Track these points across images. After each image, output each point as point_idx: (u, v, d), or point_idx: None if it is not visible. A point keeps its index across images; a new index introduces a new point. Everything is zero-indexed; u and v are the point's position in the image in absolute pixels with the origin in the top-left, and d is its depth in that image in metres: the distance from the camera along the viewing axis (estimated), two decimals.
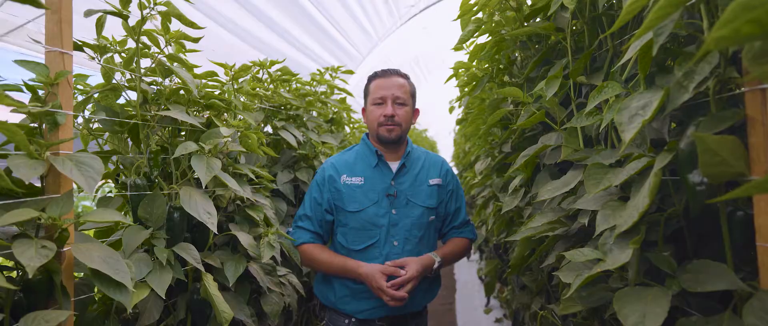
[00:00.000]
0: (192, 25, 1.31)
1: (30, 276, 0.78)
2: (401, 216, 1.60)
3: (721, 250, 0.77)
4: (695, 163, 0.70)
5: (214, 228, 1.23)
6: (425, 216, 1.63)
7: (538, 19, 1.42)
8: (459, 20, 1.68)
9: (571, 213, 1.08)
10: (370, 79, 1.69)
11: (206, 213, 1.24)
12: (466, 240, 1.76)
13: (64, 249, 0.97)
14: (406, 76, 1.68)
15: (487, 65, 1.83)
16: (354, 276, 1.56)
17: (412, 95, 1.68)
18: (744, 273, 0.75)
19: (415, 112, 1.73)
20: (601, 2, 1.03)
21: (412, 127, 1.76)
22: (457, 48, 1.76)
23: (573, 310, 1.02)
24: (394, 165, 1.66)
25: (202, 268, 1.28)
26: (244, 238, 1.47)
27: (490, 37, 1.62)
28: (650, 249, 0.85)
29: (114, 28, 1.28)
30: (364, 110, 1.74)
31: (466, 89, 2.47)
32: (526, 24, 1.43)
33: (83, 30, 1.28)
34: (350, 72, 2.63)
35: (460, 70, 2.34)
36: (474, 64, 2.09)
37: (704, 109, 0.82)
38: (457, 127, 5.48)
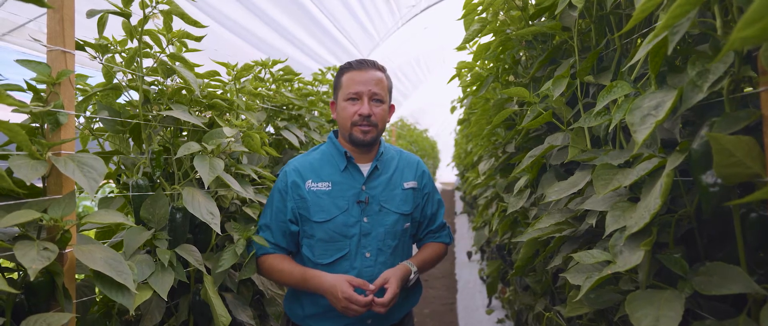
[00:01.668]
0: (195, 23, 1.29)
1: (31, 279, 0.77)
2: (374, 224, 1.44)
3: (734, 252, 0.75)
4: (709, 163, 0.69)
5: (217, 229, 1.22)
6: (400, 223, 1.47)
7: (543, 19, 1.41)
8: (462, 20, 1.67)
9: (579, 215, 1.07)
10: (343, 70, 1.49)
11: (209, 214, 1.23)
12: (443, 246, 1.63)
13: (66, 250, 0.96)
14: (383, 69, 1.50)
15: (491, 65, 1.82)
16: (315, 289, 1.37)
17: (389, 91, 1.51)
18: (758, 276, 0.74)
19: (391, 109, 1.55)
20: (609, 1, 1.02)
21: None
22: (461, 48, 1.74)
23: (580, 312, 1.01)
24: (366, 168, 1.48)
25: (204, 270, 1.27)
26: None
27: (494, 37, 1.61)
28: (660, 251, 0.84)
29: (115, 28, 1.27)
30: (333, 104, 1.53)
31: (469, 89, 2.47)
32: (531, 23, 1.42)
33: (83, 29, 1.27)
34: None
35: (462, 70, 2.33)
36: (478, 63, 2.08)
37: (715, 109, 0.81)
38: (459, 127, 5.48)
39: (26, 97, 1.00)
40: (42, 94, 0.98)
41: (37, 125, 0.97)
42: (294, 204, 1.45)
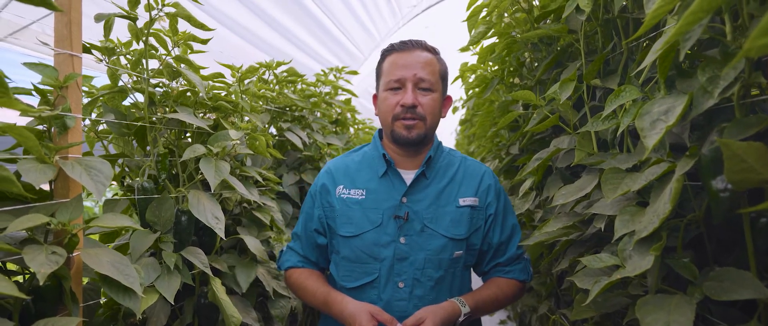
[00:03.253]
0: (202, 26, 1.29)
1: (41, 283, 0.77)
2: (412, 247, 1.16)
3: (743, 257, 0.76)
4: (719, 169, 0.69)
5: (221, 234, 1.22)
6: (448, 250, 1.18)
7: (548, 21, 1.41)
8: (465, 22, 1.67)
9: (586, 218, 1.07)
10: (384, 54, 1.24)
11: (214, 218, 1.23)
12: (515, 283, 1.26)
13: (73, 254, 0.96)
14: (433, 50, 1.22)
15: (496, 67, 1.82)
16: (336, 316, 1.14)
17: (443, 77, 1.22)
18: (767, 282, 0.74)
19: (447, 100, 1.27)
20: (616, 5, 1.02)
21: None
22: (465, 49, 1.75)
23: (586, 315, 1.01)
24: (410, 176, 1.22)
25: (210, 273, 1.26)
26: (252, 243, 1.45)
27: (498, 39, 1.61)
28: (667, 255, 0.84)
29: (120, 30, 1.27)
30: (375, 97, 1.28)
31: (471, 92, 2.47)
32: (536, 25, 1.41)
33: (86, 29, 1.27)
34: (354, 72, 2.62)
35: (466, 72, 2.33)
36: (481, 65, 2.08)
37: (724, 114, 0.81)
38: (460, 128, 5.47)
39: (27, 99, 0.99)
40: (49, 96, 0.98)
41: (44, 128, 0.97)
42: (321, 212, 1.26)
